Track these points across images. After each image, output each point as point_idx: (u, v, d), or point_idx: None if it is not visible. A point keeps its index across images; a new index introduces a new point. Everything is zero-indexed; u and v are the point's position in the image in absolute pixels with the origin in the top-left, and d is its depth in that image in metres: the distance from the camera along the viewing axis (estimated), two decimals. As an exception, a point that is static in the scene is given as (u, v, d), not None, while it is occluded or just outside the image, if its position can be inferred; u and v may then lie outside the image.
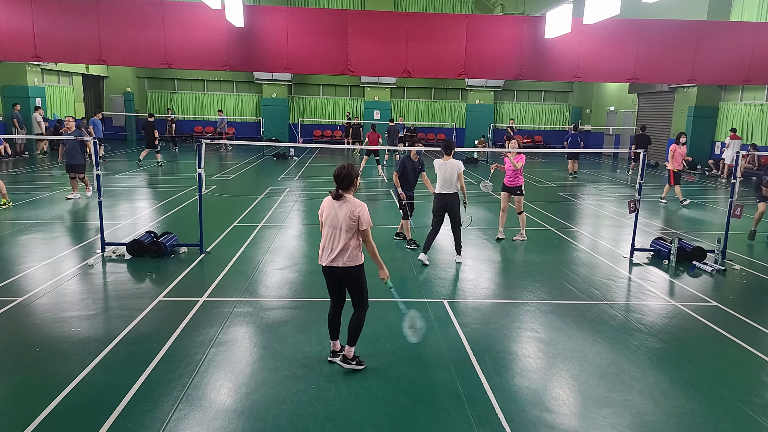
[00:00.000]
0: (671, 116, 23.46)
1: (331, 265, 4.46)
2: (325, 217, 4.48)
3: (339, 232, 4.39)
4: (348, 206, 4.38)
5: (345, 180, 4.40)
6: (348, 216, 4.35)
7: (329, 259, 4.46)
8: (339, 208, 4.39)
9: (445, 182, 7.70)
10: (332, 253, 4.43)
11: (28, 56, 14.57)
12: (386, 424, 3.89)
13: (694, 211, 12.61)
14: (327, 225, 4.46)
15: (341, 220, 4.37)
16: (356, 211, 4.37)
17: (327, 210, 4.48)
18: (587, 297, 6.64)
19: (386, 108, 29.98)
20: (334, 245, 4.43)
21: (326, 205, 4.50)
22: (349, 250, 4.43)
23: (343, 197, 4.40)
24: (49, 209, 10.91)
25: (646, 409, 4.16)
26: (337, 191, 4.42)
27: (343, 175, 4.40)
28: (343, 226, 4.37)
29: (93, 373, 4.46)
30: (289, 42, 14.88)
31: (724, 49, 15.31)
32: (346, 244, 4.40)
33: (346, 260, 4.44)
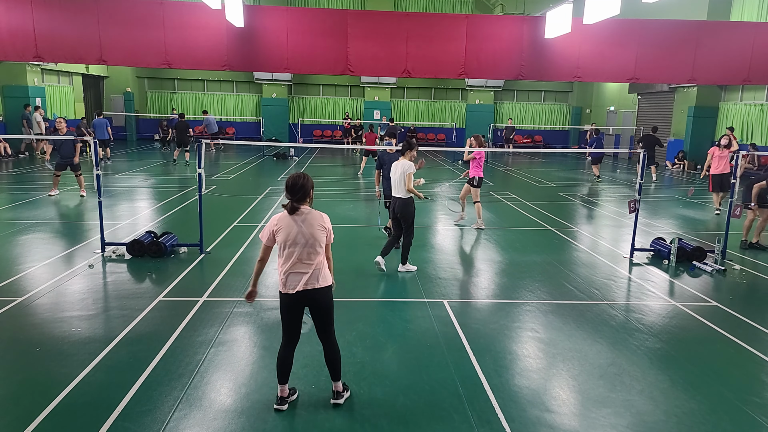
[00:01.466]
0: (671, 116, 23.46)
1: (307, 288, 3.87)
2: (285, 237, 3.88)
3: (309, 249, 3.86)
4: (313, 218, 3.88)
5: (300, 191, 3.87)
6: (318, 228, 3.88)
7: (303, 282, 3.86)
8: (303, 223, 3.86)
9: (394, 184, 7.22)
10: (305, 276, 3.87)
11: (29, 56, 14.58)
12: (386, 424, 3.89)
13: (694, 211, 12.60)
14: (289, 245, 3.87)
15: (310, 235, 3.85)
16: (326, 222, 3.94)
17: (285, 228, 3.87)
18: (587, 297, 6.64)
19: (386, 108, 29.98)
20: (308, 266, 3.88)
21: (282, 224, 3.89)
22: (322, 269, 3.94)
23: (299, 210, 3.89)
24: (49, 209, 10.91)
25: (646, 409, 4.17)
26: (292, 204, 3.88)
27: (298, 186, 3.86)
28: (315, 241, 3.87)
29: (93, 373, 4.46)
30: (289, 42, 14.88)
31: (724, 49, 15.31)
32: (319, 263, 3.92)
33: (321, 281, 3.92)
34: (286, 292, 3.92)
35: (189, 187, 13.70)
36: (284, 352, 4.05)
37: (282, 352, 4.05)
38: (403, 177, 7.05)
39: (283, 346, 4.06)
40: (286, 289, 3.91)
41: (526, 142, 31.53)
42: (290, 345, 4.06)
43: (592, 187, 16.63)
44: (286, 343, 4.06)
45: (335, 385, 4.13)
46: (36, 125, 19.46)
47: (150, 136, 29.33)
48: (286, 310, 3.98)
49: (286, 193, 3.91)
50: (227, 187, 14.42)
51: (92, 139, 8.05)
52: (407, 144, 7.29)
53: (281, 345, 4.07)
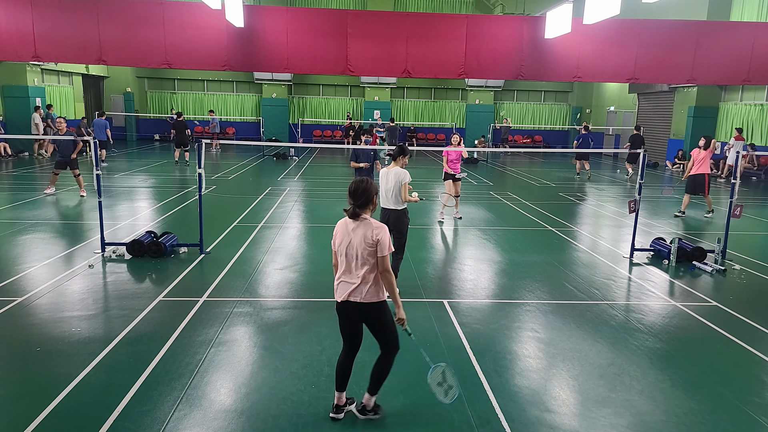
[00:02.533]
0: (671, 116, 23.46)
1: (348, 300, 3.73)
2: (338, 244, 3.75)
3: (355, 262, 3.68)
4: (364, 228, 3.67)
5: (362, 196, 3.68)
6: (364, 240, 3.64)
7: (345, 293, 3.72)
8: (354, 232, 3.68)
9: (385, 194, 6.36)
10: (349, 287, 3.71)
11: (28, 56, 14.58)
12: (386, 424, 3.89)
13: (695, 211, 12.61)
14: (341, 253, 3.74)
15: (356, 246, 3.66)
16: (374, 234, 3.64)
17: (340, 235, 3.76)
18: (587, 297, 6.64)
19: (386, 108, 29.98)
20: (354, 277, 3.71)
21: (339, 229, 3.79)
22: (369, 283, 3.69)
23: (360, 216, 3.70)
24: (49, 209, 10.91)
25: (646, 409, 4.16)
26: (354, 209, 3.70)
27: (360, 191, 3.69)
28: (359, 253, 3.66)
29: (93, 373, 4.46)
30: (289, 42, 14.88)
31: (724, 49, 15.31)
32: (366, 276, 3.68)
33: (366, 295, 3.70)
34: (336, 300, 3.81)
35: (189, 187, 13.71)
36: (344, 361, 3.94)
37: (342, 359, 3.95)
38: (397, 186, 6.30)
39: (342, 354, 3.96)
40: (336, 296, 3.81)
41: (526, 142, 31.55)
42: (350, 353, 3.94)
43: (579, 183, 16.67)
44: (346, 351, 3.95)
45: (367, 398, 3.92)
46: (34, 126, 19.47)
47: (150, 136, 29.35)
48: (340, 319, 3.88)
49: (349, 197, 3.73)
50: (227, 187, 14.42)
51: (92, 139, 8.05)
52: (400, 149, 6.51)
53: (341, 352, 3.97)
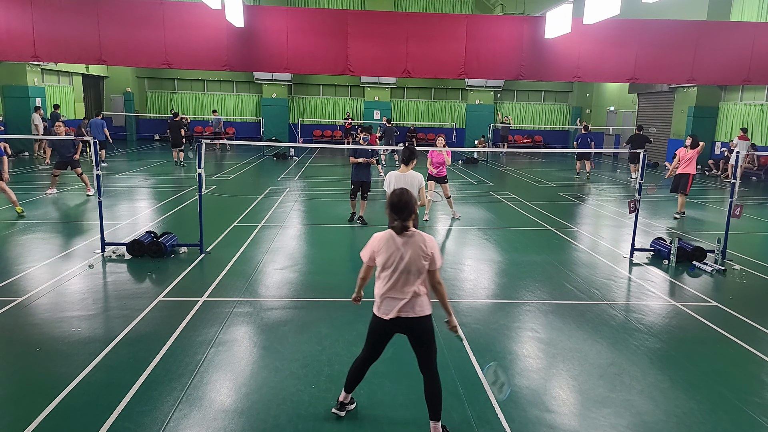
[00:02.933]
0: (671, 116, 23.46)
1: (400, 316, 3.55)
2: (384, 260, 3.54)
3: (407, 277, 3.52)
4: (416, 242, 3.52)
5: (405, 209, 3.49)
6: (419, 254, 3.51)
7: (394, 310, 3.55)
8: (405, 246, 3.50)
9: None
10: (401, 302, 3.54)
11: (28, 56, 14.58)
12: (386, 424, 3.89)
13: (694, 211, 12.61)
14: (388, 268, 3.54)
15: (410, 261, 3.50)
16: (428, 247, 3.54)
17: (386, 250, 3.54)
18: (587, 297, 6.64)
19: (386, 108, 29.99)
20: (404, 292, 3.53)
21: (382, 244, 3.56)
22: (420, 296, 3.57)
23: (407, 231, 3.54)
24: (49, 209, 10.91)
25: (646, 409, 4.16)
26: (402, 224, 3.50)
27: (403, 204, 3.49)
28: (414, 268, 3.51)
29: (93, 373, 4.46)
30: (289, 42, 14.88)
31: (724, 49, 15.31)
32: (417, 290, 3.55)
33: (418, 309, 3.57)
34: (379, 316, 3.64)
35: (189, 187, 13.71)
36: (361, 365, 3.86)
37: (359, 364, 3.87)
38: (415, 190, 6.32)
39: (361, 359, 3.86)
40: (379, 313, 3.64)
41: (526, 142, 31.55)
42: (369, 361, 3.87)
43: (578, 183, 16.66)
44: (366, 358, 3.85)
45: (434, 426, 3.69)
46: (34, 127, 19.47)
47: (150, 136, 29.35)
48: (375, 333, 3.74)
49: (391, 212, 3.53)
50: (227, 187, 14.42)
51: (92, 139, 8.05)
52: (411, 152, 6.54)
53: (360, 357, 3.87)
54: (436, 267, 3.59)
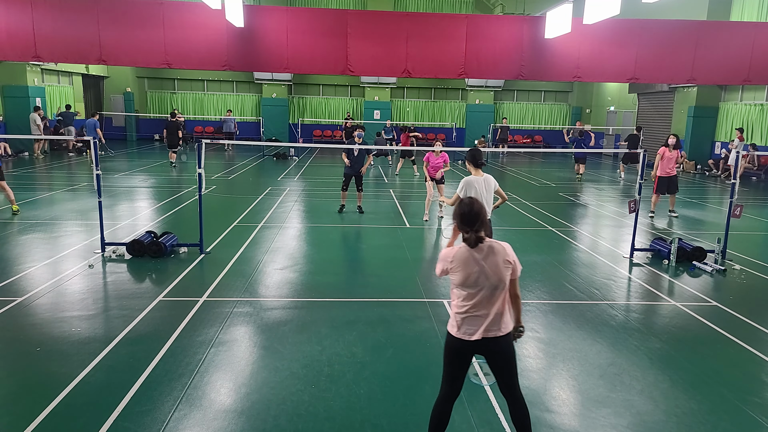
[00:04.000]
0: (671, 116, 23.46)
1: (488, 336, 3.20)
2: (464, 278, 3.19)
3: (494, 292, 3.19)
4: (496, 253, 3.21)
5: (478, 219, 3.17)
6: (501, 264, 3.19)
7: (479, 329, 3.20)
8: (485, 259, 3.18)
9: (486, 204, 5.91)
10: (486, 321, 3.20)
11: (29, 56, 14.57)
12: (386, 424, 3.89)
13: (695, 211, 12.60)
14: (469, 286, 3.19)
15: (493, 274, 3.18)
16: (509, 255, 3.23)
17: (464, 266, 3.19)
18: (587, 297, 6.64)
19: (386, 108, 29.99)
20: (490, 309, 3.20)
21: (459, 262, 3.21)
22: (504, 312, 3.26)
23: (482, 242, 3.21)
24: (49, 209, 10.92)
25: (646, 409, 4.16)
26: (476, 236, 3.18)
27: (474, 214, 3.17)
28: (498, 281, 3.19)
29: (93, 373, 4.46)
30: (289, 42, 14.88)
31: (724, 49, 15.30)
32: (502, 305, 3.24)
33: (503, 326, 3.25)
34: (459, 337, 3.24)
35: (189, 187, 13.70)
36: (442, 407, 3.37)
37: (440, 406, 3.38)
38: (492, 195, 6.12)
39: (441, 400, 3.39)
40: (460, 333, 3.24)
41: (526, 142, 31.55)
42: (450, 399, 3.38)
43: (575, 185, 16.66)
44: (447, 396, 3.37)
45: None
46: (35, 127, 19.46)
47: (150, 136, 29.33)
48: (455, 357, 3.32)
49: (461, 223, 3.20)
50: (227, 187, 14.42)
51: (92, 139, 8.05)
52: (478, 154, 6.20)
53: (439, 398, 3.40)
54: (517, 276, 3.29)
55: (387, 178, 16.92)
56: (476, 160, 6.12)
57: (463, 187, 6.01)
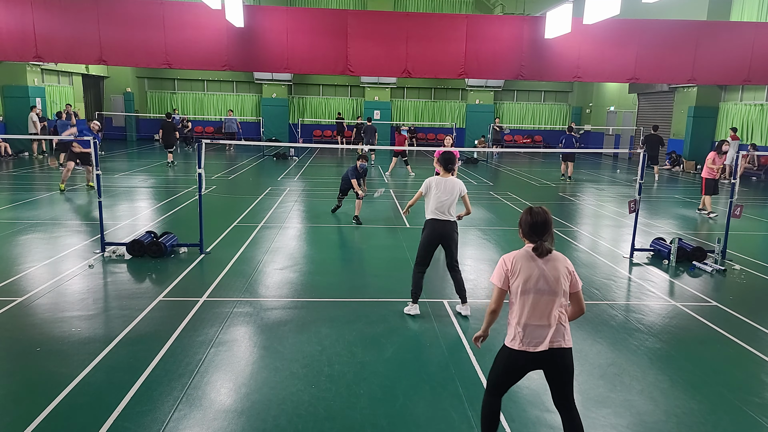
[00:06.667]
0: (671, 116, 23.46)
1: (553, 347, 3.12)
2: (524, 280, 3.13)
3: (554, 299, 3.13)
4: (558, 261, 3.17)
5: (549, 229, 3.16)
6: (563, 273, 3.14)
7: (545, 339, 3.11)
8: (548, 265, 3.14)
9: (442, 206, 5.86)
10: (545, 331, 3.11)
11: (29, 56, 14.58)
12: (386, 424, 3.89)
13: (694, 211, 12.60)
14: (529, 292, 3.12)
15: (555, 279, 3.12)
16: (570, 265, 3.20)
17: (525, 270, 3.14)
18: (587, 297, 6.63)
19: (386, 108, 30.00)
20: (551, 319, 3.12)
21: (520, 263, 3.16)
22: (565, 324, 3.19)
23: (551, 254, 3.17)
24: (49, 209, 10.91)
25: (646, 409, 4.16)
26: (545, 246, 3.14)
27: (548, 223, 3.16)
28: (559, 288, 3.13)
29: (93, 373, 4.46)
30: (289, 42, 14.88)
31: (724, 49, 15.31)
32: (561, 316, 3.16)
33: (567, 338, 3.17)
34: (523, 349, 3.14)
35: (189, 187, 13.71)
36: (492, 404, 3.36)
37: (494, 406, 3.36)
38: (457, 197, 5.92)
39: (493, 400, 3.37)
40: (523, 346, 3.13)
41: (526, 142, 31.56)
42: (497, 396, 3.37)
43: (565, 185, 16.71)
44: (493, 395, 3.36)
45: None
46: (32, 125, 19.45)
47: (150, 136, 29.34)
48: (514, 370, 3.25)
49: (530, 232, 3.17)
50: (227, 187, 14.42)
51: (92, 139, 8.05)
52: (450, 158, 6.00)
53: (491, 398, 3.37)
54: (578, 288, 3.21)
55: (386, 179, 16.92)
56: (447, 164, 5.99)
57: (427, 185, 5.96)
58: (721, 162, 12.06)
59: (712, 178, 11.90)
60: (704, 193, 12.07)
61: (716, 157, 11.91)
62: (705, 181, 11.99)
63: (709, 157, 11.99)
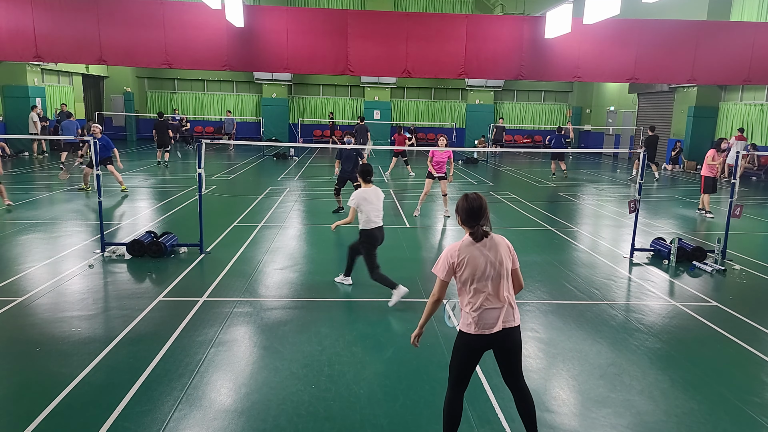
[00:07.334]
0: (671, 116, 23.46)
1: (505, 327, 3.28)
2: (472, 272, 3.25)
3: (501, 281, 3.28)
4: (498, 244, 3.31)
5: (484, 213, 3.28)
6: (505, 254, 3.31)
7: (499, 321, 3.25)
8: (491, 251, 3.27)
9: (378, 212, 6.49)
10: (498, 313, 3.26)
11: (29, 56, 14.59)
12: (386, 424, 3.89)
13: (694, 211, 12.60)
14: (478, 280, 3.25)
15: (500, 263, 3.27)
16: (509, 245, 3.37)
17: (472, 261, 3.24)
18: (587, 297, 6.63)
19: (386, 108, 29.99)
20: (502, 300, 3.28)
21: (465, 254, 3.26)
22: (514, 303, 3.36)
23: (487, 236, 3.30)
24: (49, 209, 10.92)
25: (646, 409, 4.16)
26: (481, 230, 3.27)
27: (482, 208, 3.28)
28: (504, 270, 3.28)
29: (93, 373, 4.46)
30: (289, 42, 14.89)
31: (724, 49, 15.31)
32: (510, 296, 3.33)
33: (516, 317, 3.35)
34: (479, 333, 3.25)
35: (189, 187, 13.70)
36: (455, 404, 3.41)
37: (455, 402, 3.41)
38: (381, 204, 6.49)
39: (455, 395, 3.42)
40: (479, 329, 3.25)
41: (526, 142, 31.56)
42: (462, 394, 3.44)
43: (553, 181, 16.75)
44: (461, 390, 3.43)
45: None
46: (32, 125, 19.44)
47: (150, 135, 29.30)
48: (472, 354, 3.34)
49: (466, 217, 3.29)
50: (227, 187, 14.42)
51: (92, 139, 8.05)
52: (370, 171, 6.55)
53: (453, 394, 3.42)
54: (517, 265, 3.40)
55: (385, 179, 16.92)
56: (365, 176, 6.48)
57: (355, 198, 6.31)
58: (720, 159, 12.07)
59: (711, 177, 11.91)
60: (703, 192, 12.07)
61: (716, 154, 11.91)
62: (704, 179, 12.00)
63: (709, 155, 11.97)
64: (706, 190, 11.99)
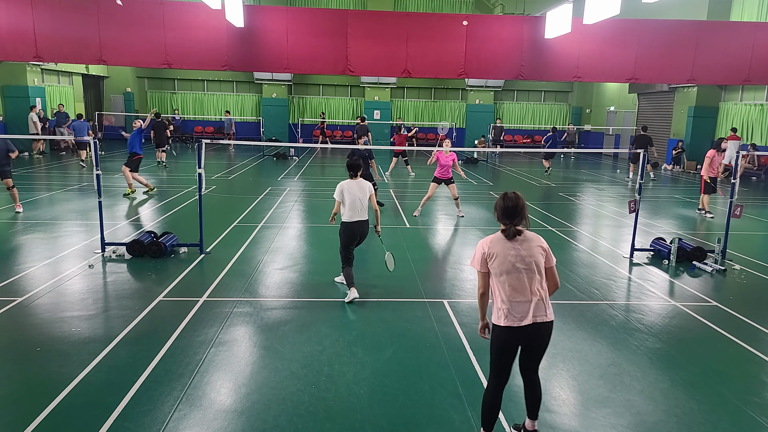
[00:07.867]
0: (671, 116, 23.46)
1: (536, 321, 3.34)
2: (500, 262, 3.35)
3: (533, 275, 3.37)
4: (530, 239, 3.42)
5: (520, 213, 3.39)
6: (537, 250, 3.40)
7: (529, 314, 3.33)
8: (521, 246, 3.38)
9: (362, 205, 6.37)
10: (528, 306, 3.33)
11: (29, 56, 14.59)
12: (386, 424, 3.89)
13: (694, 211, 12.60)
14: (508, 272, 3.34)
15: (531, 257, 3.37)
16: (543, 243, 3.46)
17: (501, 252, 3.36)
18: (587, 297, 6.63)
19: (386, 108, 29.99)
20: (533, 293, 3.35)
21: (495, 247, 3.39)
22: (547, 299, 3.44)
23: (520, 235, 3.40)
24: (49, 209, 10.92)
25: (646, 409, 4.16)
26: (516, 230, 3.38)
27: (519, 207, 3.39)
28: (535, 264, 3.37)
29: (93, 373, 4.46)
30: (289, 42, 14.89)
31: (724, 49, 15.31)
32: (541, 291, 3.40)
33: (549, 312, 3.41)
34: (509, 325, 3.33)
35: (189, 187, 13.70)
36: (494, 397, 3.51)
37: (491, 397, 3.51)
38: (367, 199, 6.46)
39: (492, 391, 3.52)
40: (509, 321, 3.33)
41: (526, 142, 31.56)
42: (501, 388, 3.52)
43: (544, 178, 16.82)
44: (498, 386, 3.51)
45: (531, 423, 3.68)
46: (32, 125, 19.44)
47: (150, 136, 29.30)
48: (505, 346, 3.42)
49: (501, 215, 3.41)
50: (227, 187, 14.42)
51: (92, 139, 8.05)
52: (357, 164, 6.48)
53: (493, 387, 3.52)
54: (552, 264, 3.48)
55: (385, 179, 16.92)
56: (349, 170, 6.43)
57: (337, 189, 6.35)
58: (720, 159, 12.08)
59: (711, 177, 11.91)
60: (703, 192, 12.07)
61: (716, 154, 11.92)
62: (704, 179, 11.99)
63: (709, 155, 11.97)
64: (706, 191, 11.99)
